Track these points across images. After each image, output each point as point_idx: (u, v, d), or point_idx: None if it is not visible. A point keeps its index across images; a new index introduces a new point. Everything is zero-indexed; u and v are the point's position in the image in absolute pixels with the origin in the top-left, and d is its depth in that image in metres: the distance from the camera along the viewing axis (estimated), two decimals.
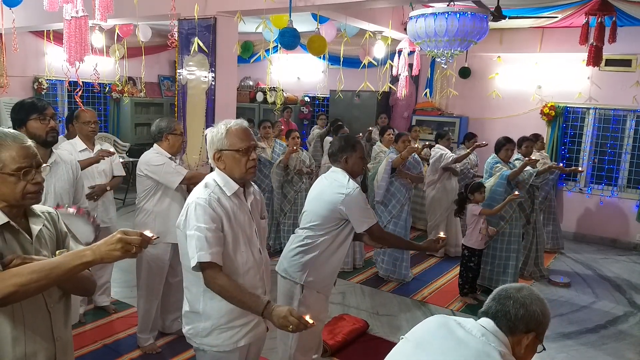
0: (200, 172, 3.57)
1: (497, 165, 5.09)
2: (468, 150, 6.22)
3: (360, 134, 6.53)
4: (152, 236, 1.53)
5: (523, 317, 1.57)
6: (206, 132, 2.24)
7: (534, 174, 5.13)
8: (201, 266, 2.02)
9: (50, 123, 2.91)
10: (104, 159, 3.88)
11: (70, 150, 3.70)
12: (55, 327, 1.67)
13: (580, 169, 6.66)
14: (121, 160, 4.32)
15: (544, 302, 1.62)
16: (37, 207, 1.74)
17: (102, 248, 1.46)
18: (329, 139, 7.26)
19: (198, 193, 2.15)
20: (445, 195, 6.18)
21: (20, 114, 2.90)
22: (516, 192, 4.72)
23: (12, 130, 1.67)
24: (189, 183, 3.49)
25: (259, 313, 1.99)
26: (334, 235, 2.86)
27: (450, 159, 6.10)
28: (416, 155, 5.53)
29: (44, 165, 1.69)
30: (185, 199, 3.67)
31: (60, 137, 4.25)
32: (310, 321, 1.89)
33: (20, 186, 1.59)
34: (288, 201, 5.78)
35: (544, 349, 1.62)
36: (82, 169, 3.63)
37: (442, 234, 2.92)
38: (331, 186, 2.85)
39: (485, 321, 1.60)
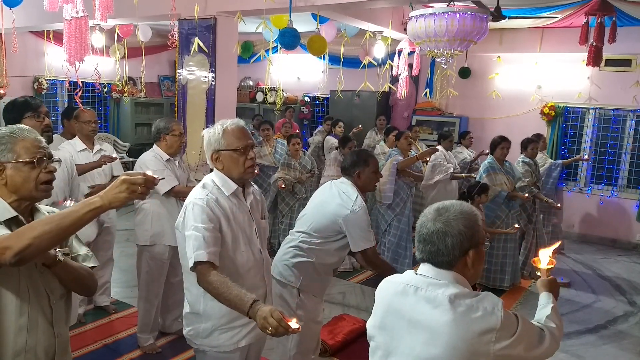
0: (190, 189, 3.55)
1: (489, 174, 4.95)
2: (474, 157, 6.44)
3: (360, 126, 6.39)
4: (157, 177, 1.52)
5: (453, 244, 1.50)
6: (203, 133, 2.21)
7: (504, 195, 4.87)
8: (196, 265, 1.97)
9: (45, 121, 2.92)
10: (105, 164, 3.85)
11: (69, 150, 3.70)
12: (56, 323, 1.70)
13: (586, 157, 6.73)
14: (121, 160, 4.32)
15: (463, 212, 1.53)
16: (44, 207, 1.78)
17: (109, 193, 1.47)
18: (329, 138, 7.19)
19: (196, 194, 2.13)
20: (444, 196, 6.15)
21: (14, 112, 2.91)
22: (516, 226, 4.66)
23: (24, 126, 1.74)
24: (176, 196, 3.50)
25: (245, 313, 1.80)
26: (330, 244, 2.83)
27: (449, 174, 5.86)
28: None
29: (55, 158, 1.73)
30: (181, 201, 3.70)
31: (57, 135, 4.26)
32: (295, 326, 1.67)
33: (34, 174, 1.64)
34: (287, 203, 5.72)
35: (490, 242, 1.62)
36: (84, 173, 3.62)
37: None
38: (339, 197, 2.81)
39: (424, 268, 1.57)
